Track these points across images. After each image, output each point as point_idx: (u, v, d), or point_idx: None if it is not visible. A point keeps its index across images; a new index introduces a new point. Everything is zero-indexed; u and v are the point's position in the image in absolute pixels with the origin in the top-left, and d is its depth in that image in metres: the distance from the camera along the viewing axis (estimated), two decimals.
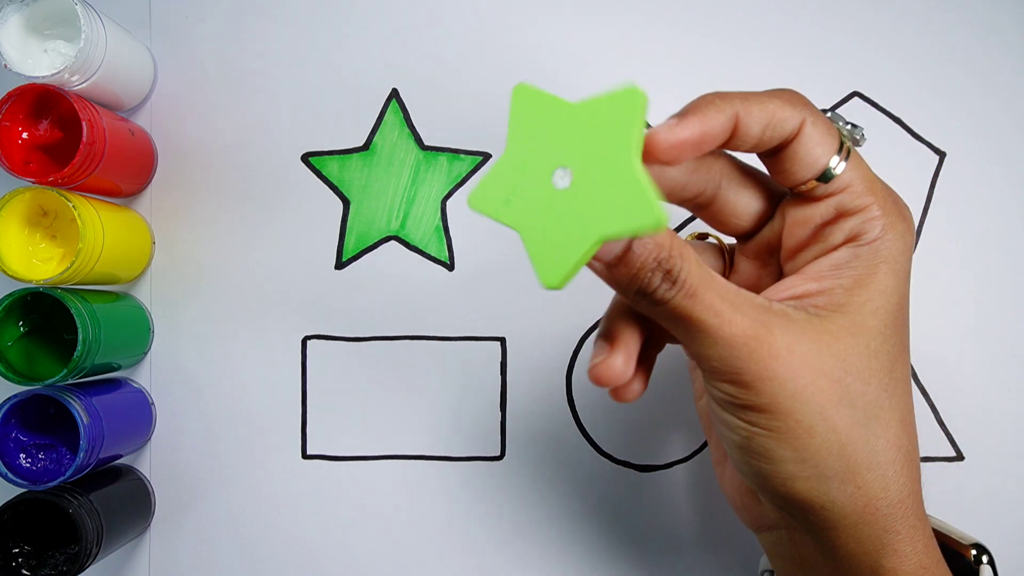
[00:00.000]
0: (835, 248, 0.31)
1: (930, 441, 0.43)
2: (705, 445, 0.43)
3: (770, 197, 0.33)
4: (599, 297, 0.43)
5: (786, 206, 0.32)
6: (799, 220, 0.32)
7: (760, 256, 0.34)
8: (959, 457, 0.43)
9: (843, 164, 0.30)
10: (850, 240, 0.31)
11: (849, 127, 0.31)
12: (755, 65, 0.43)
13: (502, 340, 0.43)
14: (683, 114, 0.30)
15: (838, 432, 0.29)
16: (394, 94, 0.43)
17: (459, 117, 0.43)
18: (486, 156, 0.43)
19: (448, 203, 0.43)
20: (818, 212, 0.31)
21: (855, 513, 0.29)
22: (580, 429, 0.43)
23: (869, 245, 0.30)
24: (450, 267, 0.43)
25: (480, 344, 0.43)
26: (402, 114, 0.43)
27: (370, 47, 0.43)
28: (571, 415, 0.43)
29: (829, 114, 0.31)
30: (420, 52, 0.43)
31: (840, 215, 0.31)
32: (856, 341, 0.29)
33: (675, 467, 0.43)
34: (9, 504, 0.37)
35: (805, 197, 0.31)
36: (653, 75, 0.43)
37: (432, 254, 0.43)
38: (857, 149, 0.31)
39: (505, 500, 0.43)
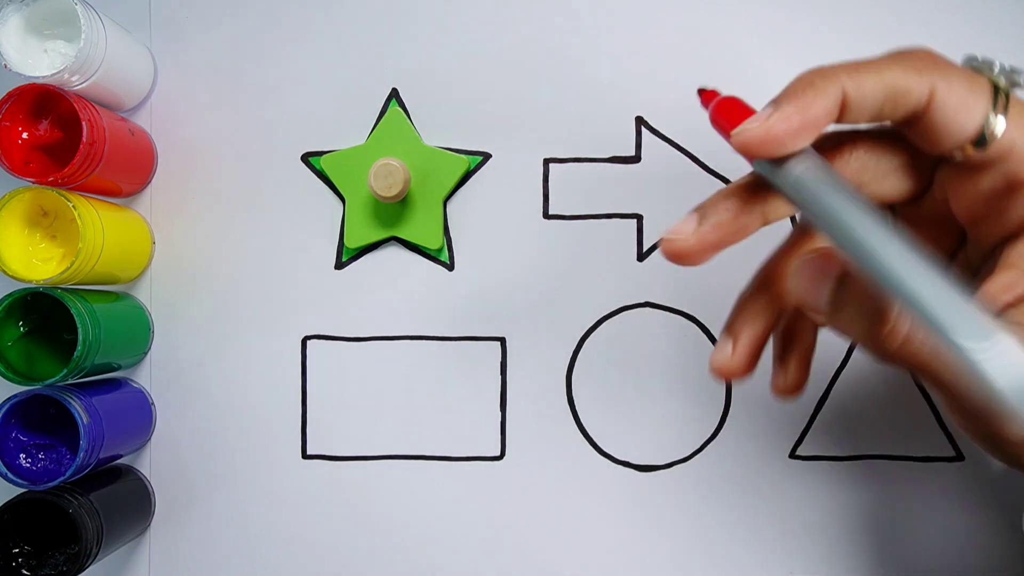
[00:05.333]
0: (1018, 228, 0.26)
1: (930, 441, 0.43)
2: (705, 445, 0.43)
3: (918, 164, 0.28)
4: (599, 297, 0.43)
5: (944, 174, 0.27)
6: (964, 192, 0.27)
7: (927, 227, 0.28)
8: (959, 457, 0.43)
9: (1001, 122, 0.25)
10: None
11: (1007, 71, 0.26)
12: (754, 64, 0.43)
13: (502, 340, 0.43)
14: (778, 101, 0.26)
15: None
16: (394, 94, 0.43)
17: (459, 117, 0.43)
18: (486, 156, 0.43)
19: (448, 203, 0.43)
20: (984, 183, 0.26)
21: None
22: (580, 429, 0.43)
23: None
24: (450, 267, 0.43)
25: (480, 344, 0.43)
26: (402, 114, 0.43)
27: (370, 47, 0.43)
28: (571, 415, 0.43)
29: (977, 62, 0.26)
30: (420, 52, 0.43)
31: (1012, 186, 0.25)
32: None
33: (675, 467, 0.43)
34: (9, 504, 0.37)
35: (963, 165, 0.26)
36: (649, 74, 0.43)
37: (432, 254, 0.43)
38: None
39: (505, 500, 0.43)
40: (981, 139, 0.25)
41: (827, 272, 0.26)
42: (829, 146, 0.28)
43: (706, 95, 0.30)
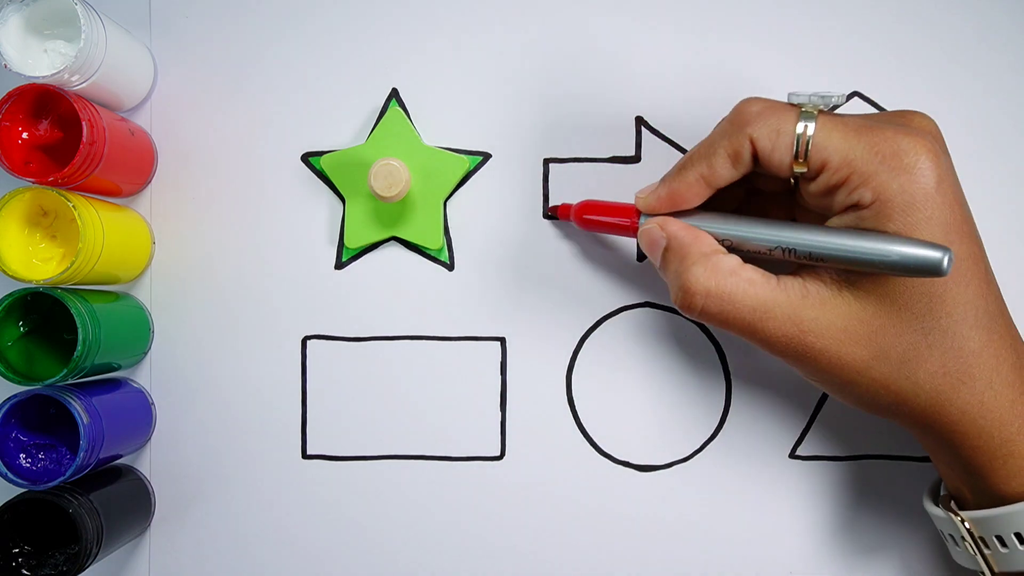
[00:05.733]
0: (844, 210, 0.34)
1: None
2: (704, 446, 0.43)
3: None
4: (599, 297, 0.43)
5: (801, 189, 0.35)
6: (809, 196, 0.35)
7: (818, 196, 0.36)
8: None
9: (809, 135, 0.33)
10: (853, 206, 0.33)
11: (814, 100, 0.34)
12: (754, 65, 0.43)
13: (502, 340, 0.43)
14: (662, 180, 0.37)
15: (877, 380, 0.34)
16: (394, 94, 0.43)
17: (459, 117, 0.43)
18: (486, 156, 0.43)
19: (448, 203, 0.43)
20: (815, 188, 0.34)
21: (921, 426, 0.35)
22: (580, 429, 0.43)
23: (868, 209, 0.33)
24: (450, 267, 0.43)
25: (480, 344, 0.43)
26: (402, 114, 0.43)
27: (370, 47, 0.43)
28: (571, 415, 0.43)
29: (795, 96, 0.34)
30: (420, 52, 0.43)
31: (830, 189, 0.33)
32: (883, 302, 0.33)
33: (675, 467, 0.43)
34: (9, 504, 0.37)
35: (806, 179, 0.34)
36: (649, 74, 0.43)
37: (432, 254, 0.43)
38: (837, 112, 0.34)
39: (505, 500, 0.43)
40: (804, 156, 0.33)
41: (657, 243, 0.36)
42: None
43: (562, 208, 0.42)
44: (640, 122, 0.43)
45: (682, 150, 0.43)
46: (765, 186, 0.38)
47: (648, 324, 0.43)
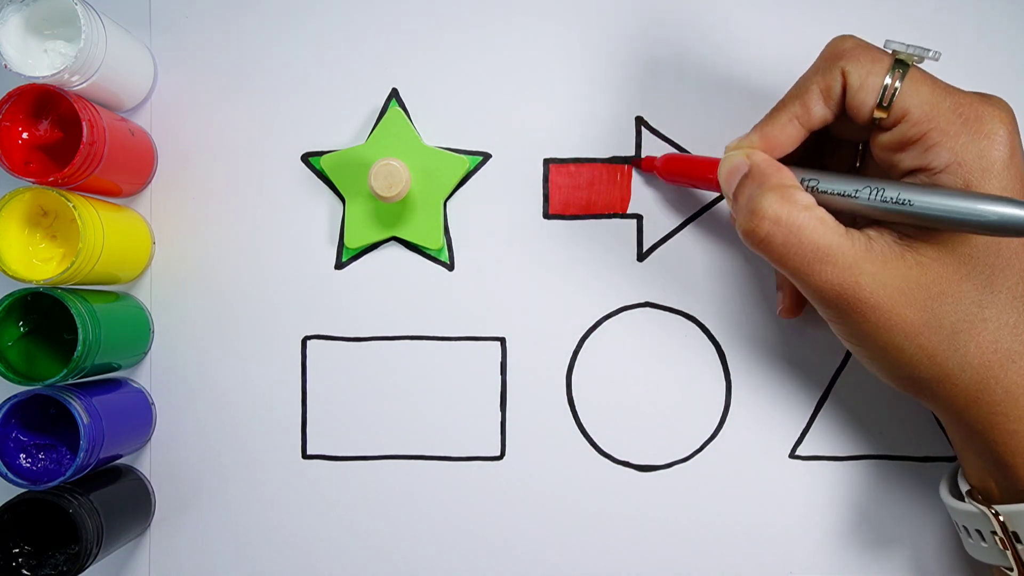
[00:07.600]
0: (909, 173, 0.33)
1: (930, 441, 0.43)
2: (705, 446, 0.43)
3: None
4: (599, 297, 0.43)
5: (872, 141, 0.35)
6: (878, 148, 0.34)
7: (888, 151, 0.35)
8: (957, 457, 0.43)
9: (896, 91, 0.32)
10: (921, 169, 0.33)
11: (915, 48, 0.33)
12: (751, 64, 0.43)
13: (502, 340, 0.43)
14: (754, 127, 0.36)
15: (925, 348, 0.33)
16: (394, 94, 0.43)
17: (459, 117, 0.43)
18: (486, 156, 0.43)
19: (448, 203, 0.43)
20: (888, 139, 0.34)
21: (959, 408, 0.34)
22: (580, 429, 0.43)
23: (942, 173, 0.32)
24: (450, 267, 0.43)
25: (480, 344, 0.43)
26: (402, 114, 0.43)
27: (370, 47, 0.43)
28: (571, 415, 0.43)
29: (891, 43, 0.33)
30: (420, 52, 0.43)
31: (904, 143, 0.33)
32: (945, 270, 0.32)
33: (675, 467, 0.43)
34: (9, 504, 0.37)
35: (880, 129, 0.34)
36: (649, 74, 0.43)
37: (432, 254, 0.43)
38: (925, 68, 0.33)
39: (505, 500, 0.43)
40: (888, 103, 0.33)
41: (737, 169, 0.35)
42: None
43: (646, 161, 0.42)
44: (640, 122, 0.43)
45: (682, 150, 0.43)
46: (830, 163, 0.39)
47: (648, 324, 0.43)
